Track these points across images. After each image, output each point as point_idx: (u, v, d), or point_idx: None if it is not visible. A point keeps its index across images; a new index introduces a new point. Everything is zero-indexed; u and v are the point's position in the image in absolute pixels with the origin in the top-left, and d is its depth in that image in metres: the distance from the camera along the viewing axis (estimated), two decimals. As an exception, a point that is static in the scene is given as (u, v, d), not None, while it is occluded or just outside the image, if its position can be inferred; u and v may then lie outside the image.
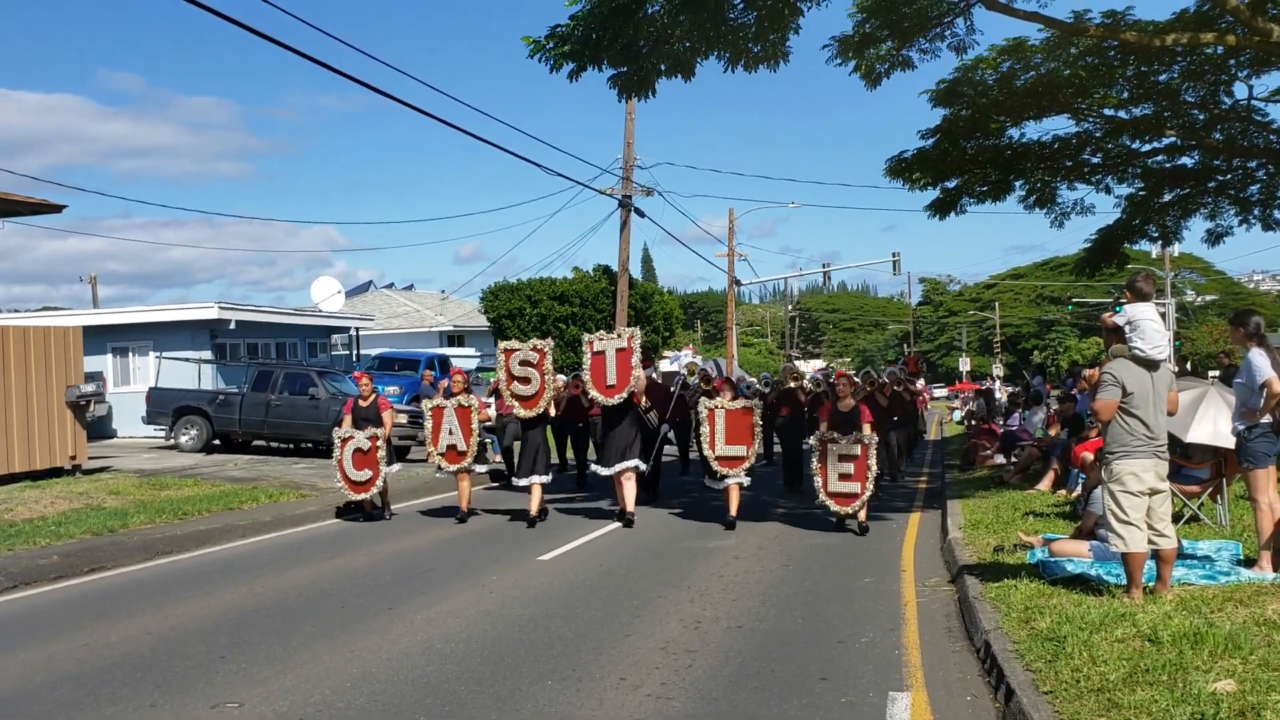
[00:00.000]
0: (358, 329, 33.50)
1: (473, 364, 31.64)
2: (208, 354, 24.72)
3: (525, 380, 13.03)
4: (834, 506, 11.65)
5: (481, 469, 14.83)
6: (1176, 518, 9.62)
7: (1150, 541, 7.07)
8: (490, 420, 15.18)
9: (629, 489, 12.82)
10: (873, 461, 11.55)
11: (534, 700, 5.82)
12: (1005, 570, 8.21)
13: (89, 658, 6.90)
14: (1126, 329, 7.49)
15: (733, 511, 12.22)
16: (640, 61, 12.98)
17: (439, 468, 13.51)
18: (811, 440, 11.46)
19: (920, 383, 18.25)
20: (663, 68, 13.09)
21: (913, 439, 21.61)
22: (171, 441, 20.91)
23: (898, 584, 8.90)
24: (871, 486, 11.65)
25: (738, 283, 45.64)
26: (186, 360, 23.36)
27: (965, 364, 74.24)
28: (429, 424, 13.51)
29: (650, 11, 12.03)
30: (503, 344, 13.72)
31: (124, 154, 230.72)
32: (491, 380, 15.32)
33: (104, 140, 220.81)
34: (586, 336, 13.80)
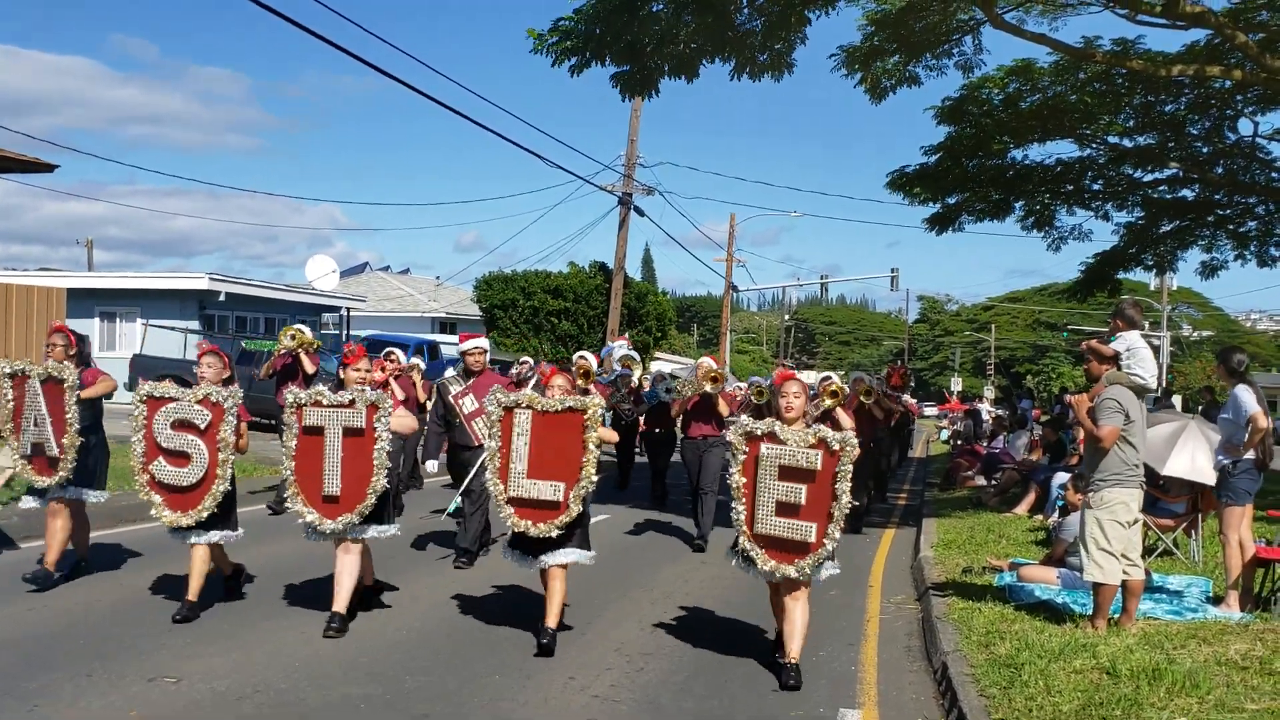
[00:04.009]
0: (349, 309, 33.34)
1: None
2: (195, 324, 24.59)
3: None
4: (764, 561, 6.14)
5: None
6: (1149, 550, 9.55)
7: (1122, 572, 6.99)
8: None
9: None
10: (842, 486, 5.96)
11: (479, 695, 5.74)
12: (972, 592, 8.13)
13: (35, 622, 6.81)
14: (1125, 355, 7.44)
15: (551, 622, 6.61)
16: (643, 60, 12.90)
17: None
18: (729, 436, 6.35)
19: (906, 398, 17.10)
20: (666, 68, 13.02)
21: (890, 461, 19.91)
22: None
23: (864, 599, 8.81)
24: (836, 533, 6.06)
25: (735, 289, 45.57)
26: (173, 329, 23.24)
27: (957, 384, 74.21)
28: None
29: (654, 10, 11.95)
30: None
31: (133, 120, 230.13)
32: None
33: (114, 105, 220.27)
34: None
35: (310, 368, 11.87)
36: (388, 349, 12.95)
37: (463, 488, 9.24)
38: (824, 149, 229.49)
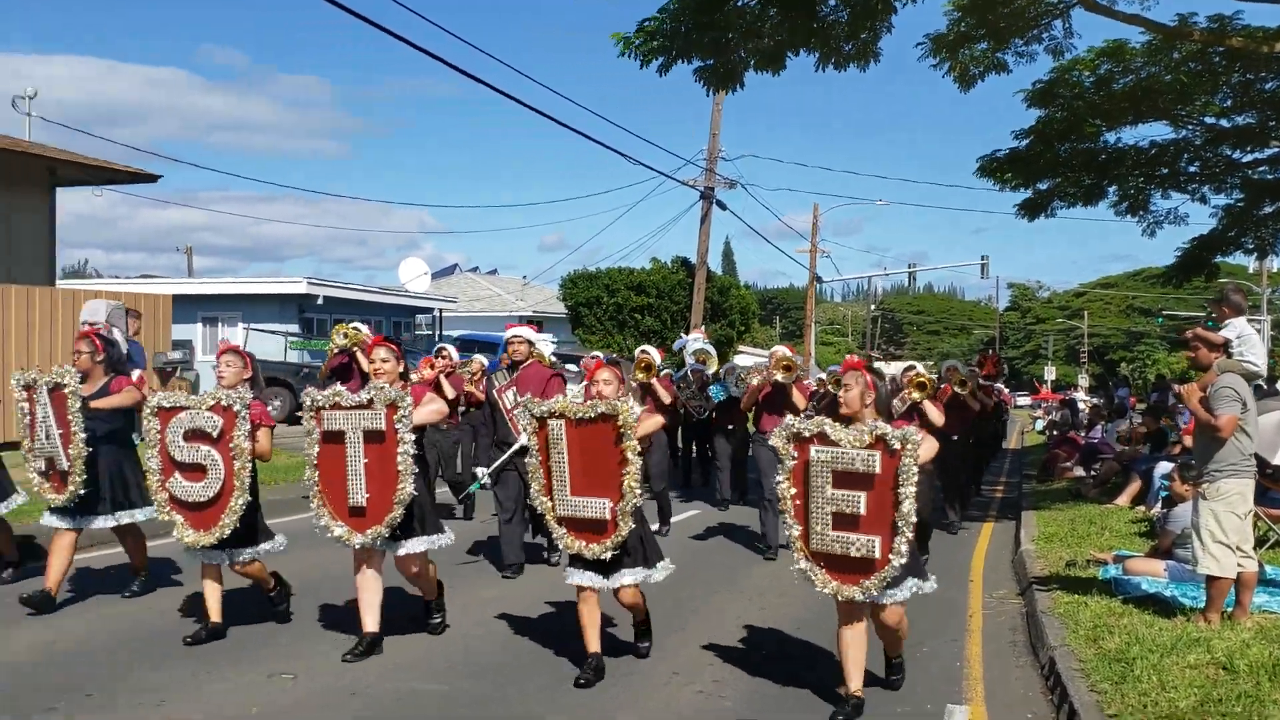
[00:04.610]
0: (441, 310, 33.94)
1: (549, 349, 31.83)
2: (295, 327, 25.23)
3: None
4: (824, 581, 5.45)
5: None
6: (1260, 542, 9.28)
7: (1236, 565, 6.83)
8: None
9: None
10: (906, 492, 5.18)
11: (582, 691, 5.81)
12: (1076, 585, 8.00)
13: (148, 621, 7.07)
14: (1235, 342, 7.28)
15: (640, 639, 6.52)
16: (728, 54, 12.90)
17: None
18: (773, 439, 5.59)
19: (1000, 387, 16.04)
20: (751, 62, 13.01)
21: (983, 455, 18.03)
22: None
23: (965, 594, 8.73)
24: (904, 545, 5.26)
25: (819, 279, 45.28)
26: (273, 333, 23.87)
27: (1051, 373, 72.70)
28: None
29: (739, 4, 11.95)
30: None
31: (224, 128, 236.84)
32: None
33: (205, 114, 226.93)
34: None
35: (367, 366, 11.71)
36: (439, 345, 12.37)
37: (490, 469, 8.71)
38: (909, 136, 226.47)
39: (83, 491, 7.14)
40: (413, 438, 6.19)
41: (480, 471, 8.97)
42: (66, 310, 15.13)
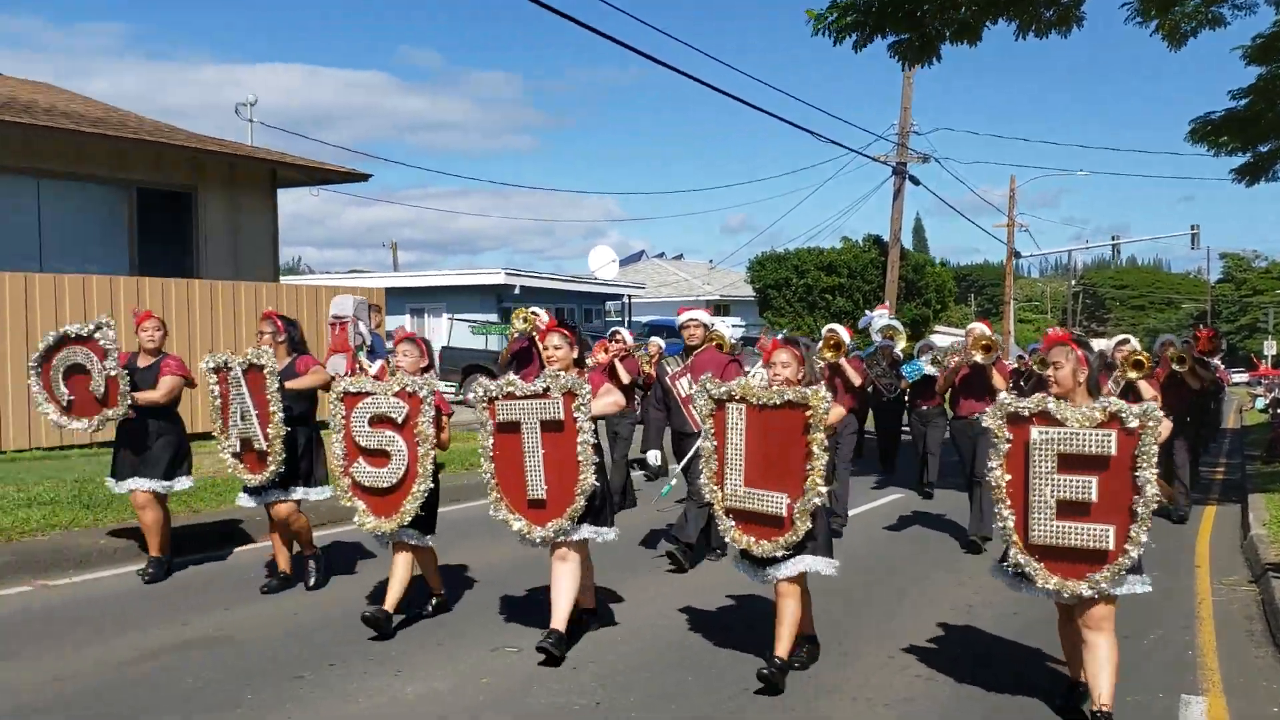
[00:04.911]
0: (630, 296, 34.51)
1: (738, 332, 31.89)
2: (494, 317, 26.15)
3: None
4: (1044, 577, 4.95)
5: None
6: None
7: None
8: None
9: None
10: (1146, 475, 4.73)
11: (800, 670, 5.85)
12: (1318, 573, 7.54)
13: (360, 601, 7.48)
14: None
15: (780, 650, 5.59)
16: (923, 27, 12.65)
17: None
18: (986, 420, 5.11)
19: (1216, 363, 14.65)
20: (947, 33, 12.71)
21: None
22: (460, 397, 22.35)
23: (1191, 580, 8.34)
24: (1142, 535, 4.81)
25: (1017, 255, 43.70)
26: (475, 322, 24.81)
27: (1271, 347, 67.99)
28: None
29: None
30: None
31: (421, 127, 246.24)
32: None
33: (403, 114, 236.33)
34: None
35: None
36: (613, 329, 12.08)
37: (679, 466, 8.38)
38: (1112, 103, 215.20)
39: (281, 470, 7.35)
40: (591, 426, 5.93)
41: (653, 455, 8.72)
42: (289, 305, 16.15)
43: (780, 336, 6.45)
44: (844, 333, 10.57)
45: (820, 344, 9.88)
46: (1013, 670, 5.89)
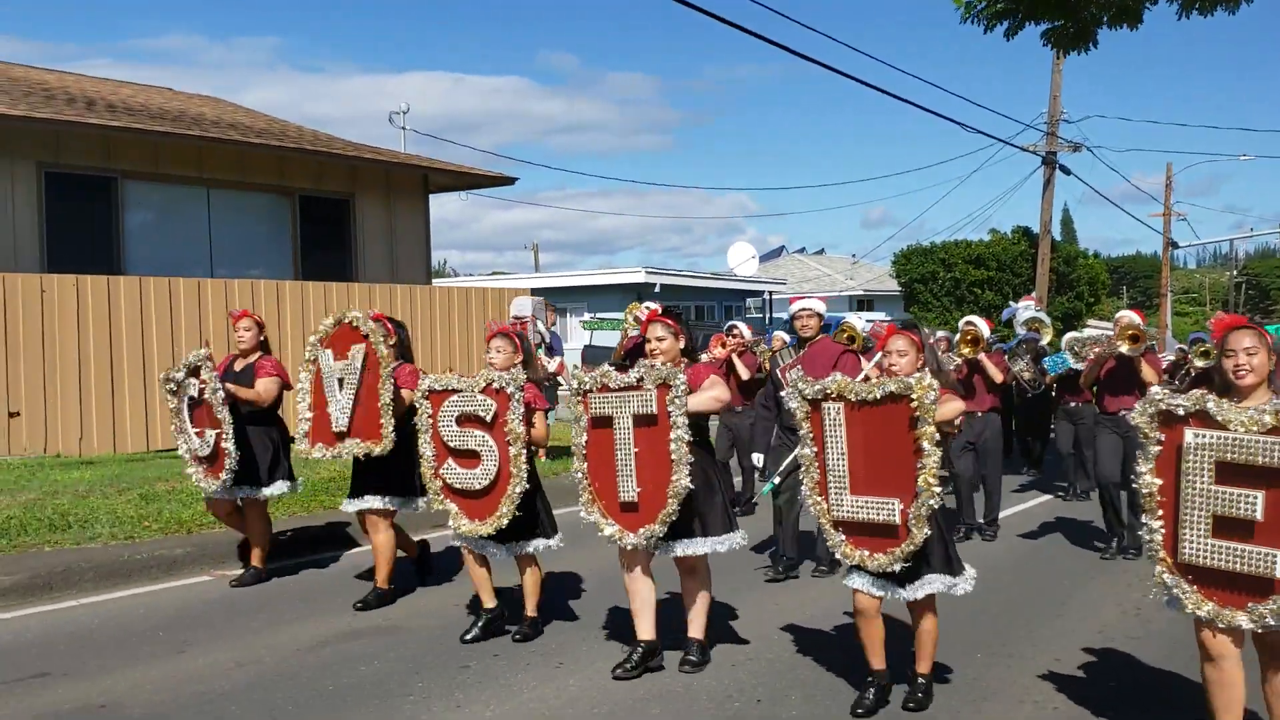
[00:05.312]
0: (771, 293, 34.34)
1: (863, 325, 31.43)
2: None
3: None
4: (1196, 602, 4.19)
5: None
6: None
7: None
8: None
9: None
10: None
11: (963, 671, 5.76)
12: None
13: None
14: None
15: (921, 668, 5.24)
16: (1078, 12, 12.27)
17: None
18: (1133, 417, 4.37)
19: None
20: (1104, 18, 12.30)
21: None
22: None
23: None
24: None
25: (1174, 245, 41.90)
26: (616, 321, 25.08)
27: None
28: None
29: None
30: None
31: (559, 130, 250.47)
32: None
33: (542, 118, 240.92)
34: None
35: None
36: (730, 323, 11.41)
37: (782, 467, 7.68)
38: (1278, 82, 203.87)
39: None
40: (686, 422, 5.38)
41: (758, 458, 8.26)
42: (441, 307, 16.66)
43: (896, 322, 5.95)
44: (983, 326, 9.95)
45: (957, 338, 9.38)
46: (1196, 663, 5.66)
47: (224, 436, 7.43)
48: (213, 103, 20.82)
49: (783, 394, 6.49)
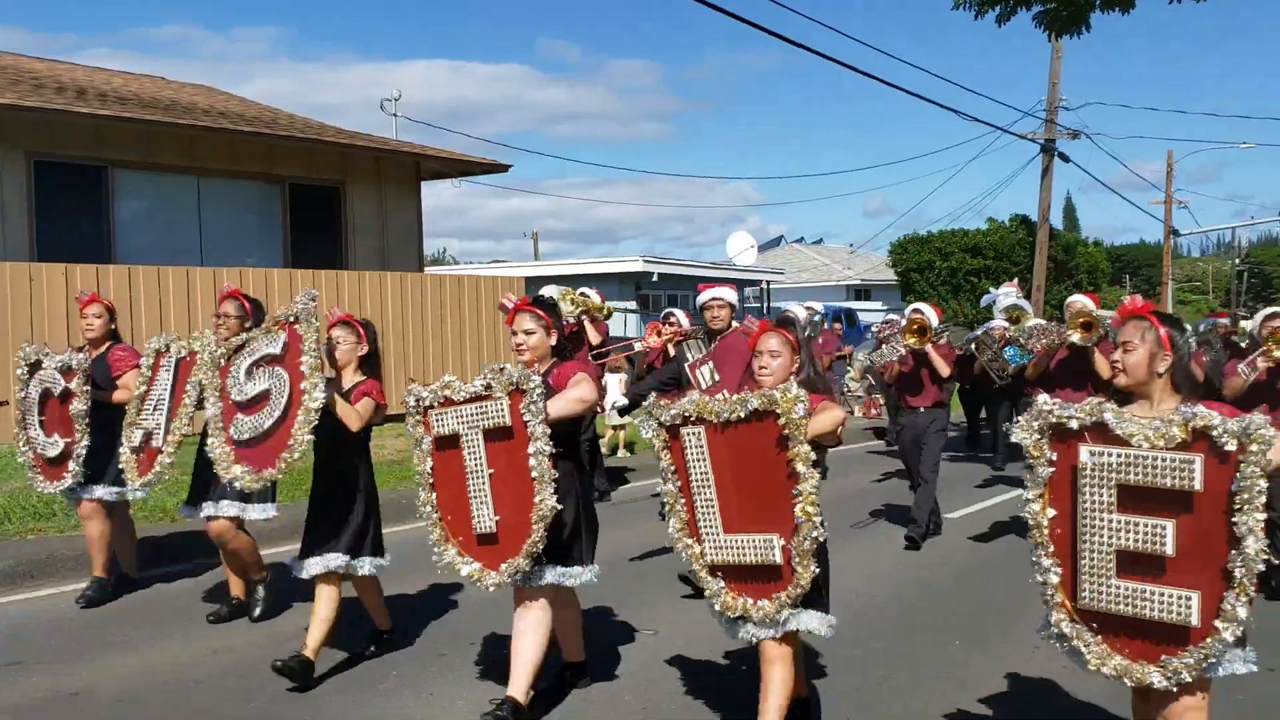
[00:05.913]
0: (769, 282, 34.29)
1: (879, 317, 31.41)
2: (632, 304, 26.33)
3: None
4: (1100, 655, 3.50)
5: None
6: None
7: None
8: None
9: None
10: (1247, 520, 3.15)
11: (937, 661, 5.73)
12: None
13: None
14: None
15: None
16: (1071, -5, 12.19)
17: None
18: (1015, 433, 3.64)
19: None
20: (1097, 2, 12.22)
21: None
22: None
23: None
24: (1240, 610, 3.20)
25: (1175, 233, 41.82)
26: (614, 309, 25.04)
27: None
28: None
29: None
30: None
31: (560, 118, 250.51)
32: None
33: (543, 106, 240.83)
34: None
35: (595, 338, 9.78)
36: (666, 310, 9.55)
37: None
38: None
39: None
40: (548, 431, 4.43)
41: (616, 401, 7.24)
42: (432, 294, 16.59)
43: (769, 317, 5.12)
44: (932, 315, 9.11)
45: (903, 328, 8.83)
46: None
47: (76, 441, 6.72)
48: (204, 91, 20.74)
49: (722, 387, 5.86)
